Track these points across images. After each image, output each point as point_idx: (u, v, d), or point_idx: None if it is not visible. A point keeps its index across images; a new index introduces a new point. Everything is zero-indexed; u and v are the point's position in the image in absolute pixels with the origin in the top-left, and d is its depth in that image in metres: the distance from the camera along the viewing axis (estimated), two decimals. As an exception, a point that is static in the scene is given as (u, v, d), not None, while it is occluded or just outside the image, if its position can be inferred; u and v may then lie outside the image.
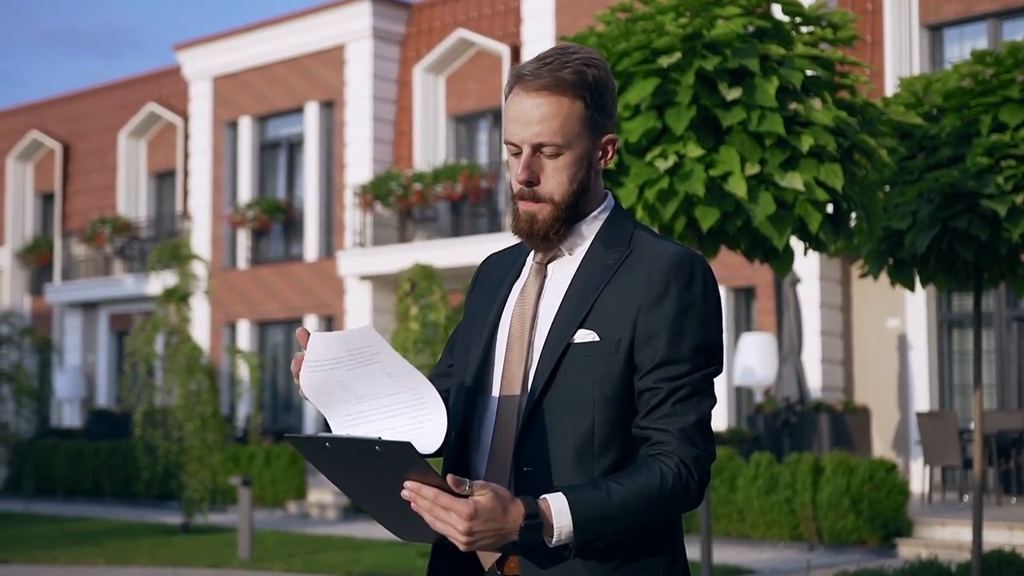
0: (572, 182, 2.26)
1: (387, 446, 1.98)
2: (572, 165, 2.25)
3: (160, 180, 25.47)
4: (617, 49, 6.25)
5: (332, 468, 2.11)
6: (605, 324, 2.22)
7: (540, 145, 2.23)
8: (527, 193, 2.27)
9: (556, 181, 2.25)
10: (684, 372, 2.20)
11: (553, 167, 2.25)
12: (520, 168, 2.25)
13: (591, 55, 2.29)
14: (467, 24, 20.74)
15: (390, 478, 2.03)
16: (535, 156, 2.25)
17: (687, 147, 6.13)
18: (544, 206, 2.26)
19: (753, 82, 6.18)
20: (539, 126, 2.22)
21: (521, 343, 2.29)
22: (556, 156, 2.24)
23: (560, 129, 2.23)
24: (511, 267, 2.43)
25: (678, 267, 2.23)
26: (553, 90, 2.22)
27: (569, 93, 2.22)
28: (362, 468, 2.04)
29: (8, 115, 28.42)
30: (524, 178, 2.25)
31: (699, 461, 2.19)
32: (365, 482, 2.09)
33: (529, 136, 2.23)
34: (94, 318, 25.71)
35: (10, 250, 27.40)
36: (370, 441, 1.99)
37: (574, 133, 2.24)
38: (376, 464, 2.02)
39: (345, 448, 2.03)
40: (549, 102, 2.22)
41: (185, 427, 14.92)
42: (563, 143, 2.23)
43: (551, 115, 2.22)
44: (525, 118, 2.24)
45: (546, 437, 2.21)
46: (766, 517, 12.96)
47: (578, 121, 2.24)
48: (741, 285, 17.01)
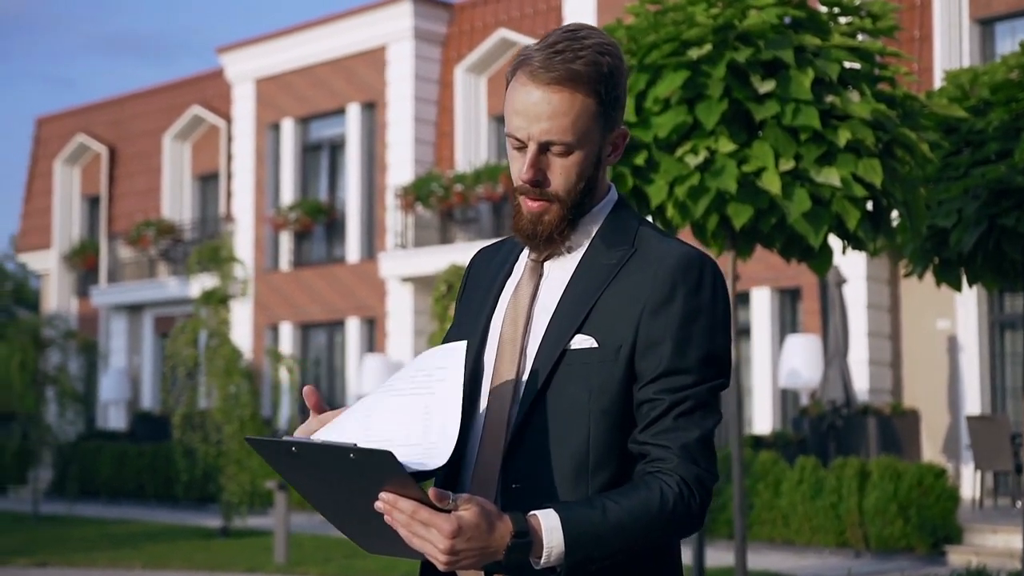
0: (580, 181, 2.08)
1: (363, 454, 1.79)
2: (581, 163, 2.07)
3: (204, 182, 25.53)
4: (646, 41, 6.05)
5: (297, 475, 1.93)
6: (605, 329, 2.03)
7: (549, 143, 2.04)
8: (532, 192, 2.08)
9: (564, 179, 2.06)
10: (689, 384, 2.00)
11: (561, 165, 2.06)
12: (526, 166, 2.06)
13: (603, 40, 2.09)
14: (508, 24, 20.57)
15: (364, 488, 1.85)
16: (542, 154, 2.06)
17: (719, 142, 5.93)
18: (550, 205, 2.08)
19: (787, 74, 5.97)
20: (548, 123, 2.03)
21: (513, 348, 2.10)
22: (565, 155, 2.05)
23: (572, 127, 2.03)
24: (503, 263, 2.24)
25: (685, 269, 2.04)
26: (566, 84, 2.02)
27: (583, 88, 2.03)
28: (332, 476, 1.86)
29: (56, 119, 28.62)
30: (530, 177, 2.05)
31: (701, 481, 1.99)
32: (334, 491, 1.91)
33: (537, 133, 2.04)
34: (139, 320, 25.80)
35: (57, 253, 27.57)
36: (344, 448, 1.80)
37: (585, 130, 2.05)
38: (349, 473, 1.83)
39: (314, 454, 1.84)
40: (561, 98, 2.02)
41: (223, 430, 14.86)
42: (573, 141, 2.04)
43: (562, 111, 2.02)
44: (534, 112, 2.03)
45: (537, 451, 2.03)
46: (811, 523, 12.68)
47: (590, 117, 2.05)
48: (786, 286, 16.72)
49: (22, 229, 29.11)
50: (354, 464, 1.81)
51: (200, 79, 25.45)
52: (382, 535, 1.89)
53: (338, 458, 1.81)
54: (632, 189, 6.19)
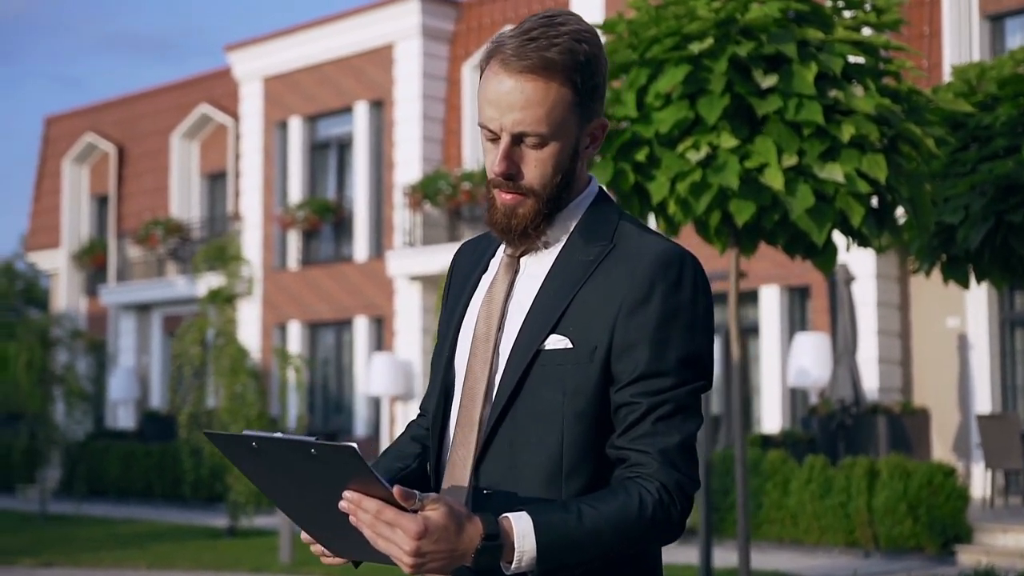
0: (556, 174, 1.99)
1: (325, 450, 1.72)
2: (557, 155, 1.98)
3: (212, 181, 25.50)
4: (647, 35, 5.97)
5: (257, 470, 1.86)
6: (580, 329, 1.95)
7: (522, 135, 1.96)
8: (505, 185, 2.00)
9: (539, 173, 1.98)
10: (667, 386, 1.92)
11: (536, 158, 1.98)
12: (498, 159, 1.98)
13: (581, 27, 2.00)
14: (516, 20, 20.45)
15: (327, 487, 1.78)
16: (515, 146, 1.98)
17: (721, 138, 5.85)
18: (525, 199, 2.00)
19: (790, 68, 5.88)
20: (521, 113, 1.95)
21: (486, 347, 2.02)
22: (540, 147, 1.97)
23: (545, 117, 1.95)
24: (481, 257, 2.17)
25: (664, 266, 1.95)
26: (539, 73, 1.94)
27: (557, 77, 1.94)
28: (294, 473, 1.80)
29: (64, 118, 28.64)
30: (502, 170, 1.98)
31: (682, 487, 1.91)
32: (298, 490, 1.84)
33: (509, 123, 1.96)
34: (148, 320, 25.79)
35: (66, 252, 27.58)
36: (305, 443, 1.73)
37: (560, 121, 1.96)
38: (312, 470, 1.76)
39: (275, 450, 1.77)
40: (535, 87, 1.94)
41: (230, 429, 14.80)
42: (548, 133, 1.96)
43: (535, 101, 1.94)
44: (506, 102, 1.95)
45: (510, 455, 1.96)
46: (820, 522, 12.59)
47: (566, 108, 1.96)
48: (795, 284, 16.62)
49: (31, 228, 29.13)
50: (316, 460, 1.74)
51: (208, 78, 25.42)
52: (347, 536, 1.83)
53: (300, 454, 1.74)
54: (634, 186, 6.12)
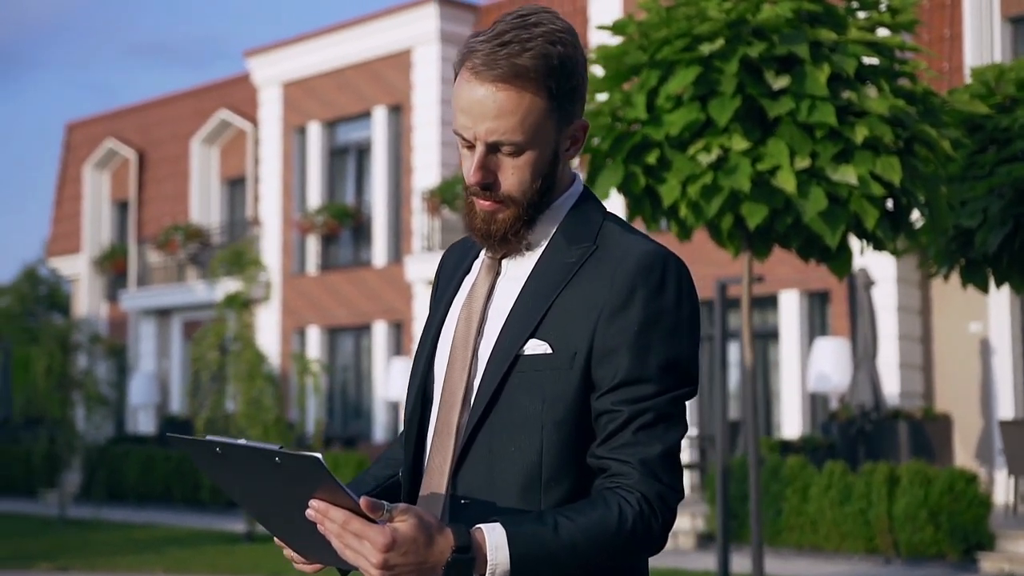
0: (534, 180, 1.94)
1: (289, 459, 1.68)
2: (534, 164, 1.92)
3: (232, 186, 25.54)
4: (657, 37, 5.91)
5: (224, 476, 1.83)
6: (560, 334, 1.89)
7: (497, 144, 1.91)
8: (483, 194, 1.95)
9: (517, 180, 1.93)
10: (649, 394, 1.86)
11: (513, 165, 1.92)
12: (473, 169, 1.92)
13: (556, 27, 1.93)
14: (535, 25, 20.43)
15: (294, 495, 1.74)
16: (491, 155, 1.92)
17: (732, 140, 5.78)
18: (503, 206, 1.94)
19: (803, 70, 5.81)
20: (495, 122, 1.88)
21: (465, 352, 1.97)
22: (516, 155, 1.91)
23: (520, 126, 1.89)
24: (463, 259, 2.11)
25: (647, 268, 1.89)
26: (511, 82, 1.87)
27: (531, 85, 1.88)
28: (260, 480, 1.76)
29: (86, 124, 28.74)
30: (478, 180, 1.92)
31: (664, 499, 1.85)
32: (263, 494, 1.80)
33: (483, 133, 1.90)
34: (168, 324, 25.84)
35: (88, 258, 27.67)
36: (269, 451, 1.69)
37: (536, 129, 1.90)
38: (277, 478, 1.73)
39: (240, 456, 1.74)
40: (507, 96, 1.87)
41: (247, 434, 14.78)
42: (523, 141, 1.90)
43: (509, 110, 1.88)
44: (478, 111, 1.89)
45: (487, 464, 1.90)
46: (840, 529, 12.47)
47: (541, 115, 1.90)
48: (815, 289, 16.50)
49: (53, 234, 29.24)
50: (281, 469, 1.71)
51: (227, 83, 25.47)
52: (315, 543, 1.79)
53: (264, 462, 1.71)
54: (644, 189, 6.05)
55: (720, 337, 10.67)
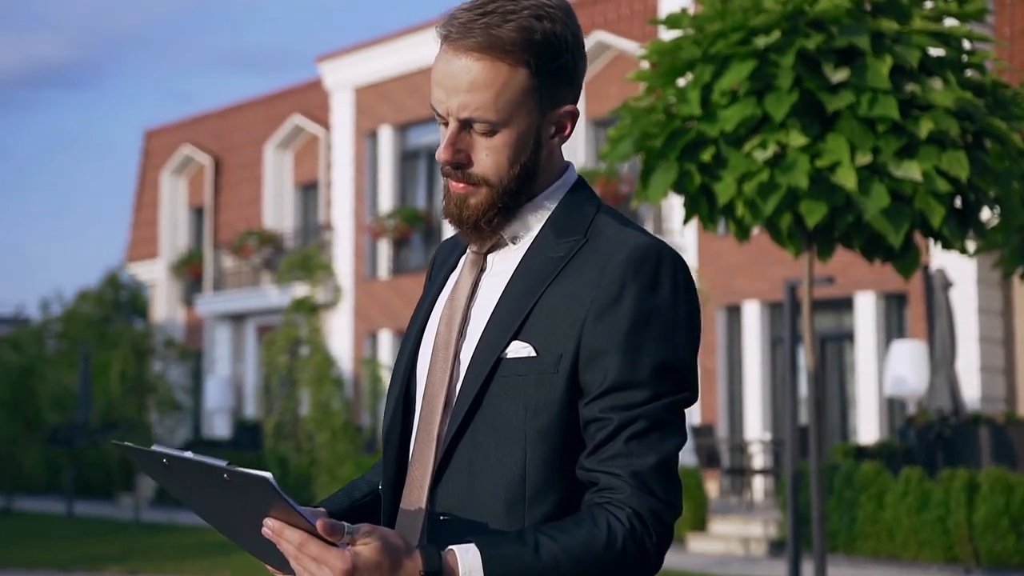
0: (512, 164, 1.78)
1: (237, 476, 1.57)
2: (511, 146, 1.77)
3: (305, 191, 25.68)
4: (711, 30, 5.73)
5: (176, 487, 1.73)
6: (545, 335, 1.73)
7: (470, 120, 1.76)
8: (455, 174, 1.80)
9: (491, 162, 1.77)
10: (641, 400, 1.69)
11: (487, 146, 1.77)
12: (443, 145, 1.78)
13: (547, 1, 1.78)
14: (605, 26, 20.26)
15: (247, 510, 1.64)
16: (464, 132, 1.77)
17: (789, 135, 5.58)
18: (477, 189, 1.79)
19: (864, 62, 5.59)
20: (467, 96, 1.74)
21: (446, 355, 1.81)
22: (490, 134, 1.76)
23: (494, 103, 1.74)
24: (453, 254, 1.96)
25: (638, 262, 1.72)
26: (487, 52, 1.72)
27: (507, 58, 1.73)
28: (214, 493, 1.67)
29: (163, 131, 29.11)
30: (447, 158, 1.78)
31: (658, 515, 1.68)
32: (220, 508, 1.70)
33: (456, 107, 1.75)
34: (242, 329, 26.04)
35: (165, 263, 28.00)
36: (218, 467, 1.58)
37: (513, 107, 1.75)
38: (228, 493, 1.63)
39: (188, 469, 1.64)
40: (482, 67, 1.73)
41: (316, 438, 14.80)
42: (498, 120, 1.75)
43: (482, 83, 1.73)
44: (451, 83, 1.75)
45: (467, 478, 1.75)
46: (917, 537, 12.14)
47: (519, 93, 1.75)
48: (892, 290, 16.11)
49: (132, 240, 29.64)
50: (231, 486, 1.60)
51: (300, 89, 25.61)
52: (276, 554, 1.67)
53: (213, 477, 1.60)
54: (700, 187, 5.86)
55: (789, 340, 10.43)
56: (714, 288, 17.63)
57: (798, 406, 11.14)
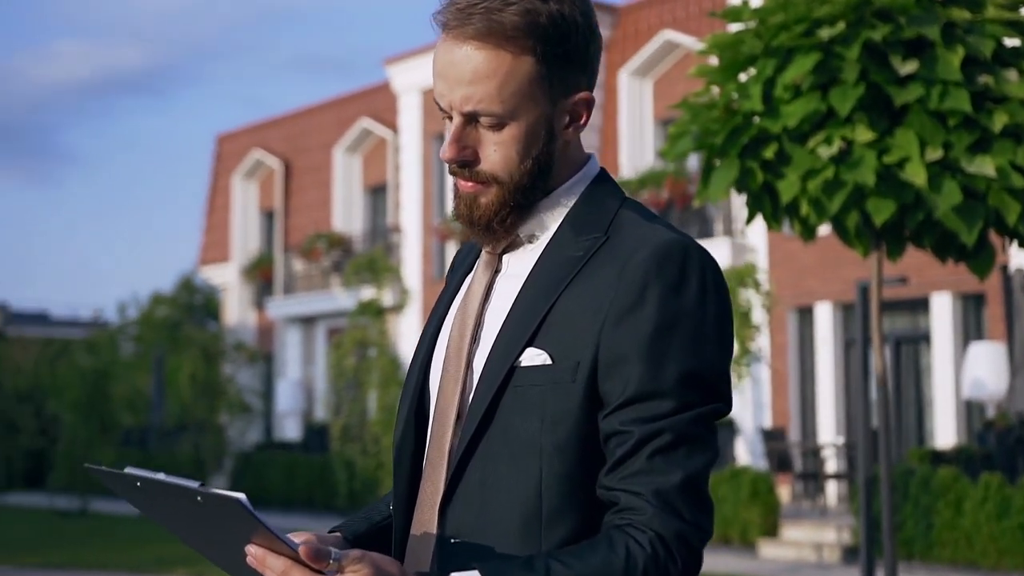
0: (523, 159, 1.64)
1: (211, 498, 1.47)
2: (521, 139, 1.63)
3: (374, 194, 25.72)
4: (774, 22, 5.54)
5: (152, 508, 1.65)
6: (561, 341, 1.59)
7: (474, 114, 1.62)
8: (462, 172, 1.67)
9: (500, 158, 1.64)
10: (666, 411, 1.54)
11: (495, 141, 1.63)
12: (448, 142, 1.65)
13: None
14: (674, 25, 20.03)
15: (225, 533, 1.55)
16: (469, 127, 1.64)
17: (855, 131, 5.38)
18: (487, 187, 1.65)
19: (933, 53, 5.37)
20: (470, 88, 1.60)
21: (458, 363, 1.68)
22: (497, 128, 1.63)
23: (499, 94, 1.60)
24: (469, 254, 1.83)
25: (662, 260, 1.58)
26: (488, 40, 1.59)
27: (511, 45, 1.59)
28: (189, 515, 1.58)
29: (235, 136, 29.35)
30: (451, 155, 1.64)
31: (684, 538, 1.52)
32: (198, 530, 1.61)
33: (459, 100, 1.62)
34: (312, 332, 26.14)
35: (237, 266, 28.20)
36: (190, 489, 1.49)
37: (521, 98, 1.61)
38: (203, 516, 1.54)
39: (160, 491, 1.56)
40: (485, 56, 1.59)
41: (382, 441, 14.78)
42: (504, 112, 1.61)
43: (485, 73, 1.60)
44: (453, 75, 1.61)
45: (479, 497, 1.61)
46: (997, 545, 11.79)
47: (526, 82, 1.61)
48: (969, 291, 15.71)
49: (204, 244, 29.92)
50: (204, 508, 1.50)
51: (368, 92, 25.67)
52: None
53: (187, 499, 1.51)
54: (762, 185, 5.68)
55: (862, 342, 10.18)
56: (785, 289, 17.33)
57: (871, 409, 10.89)
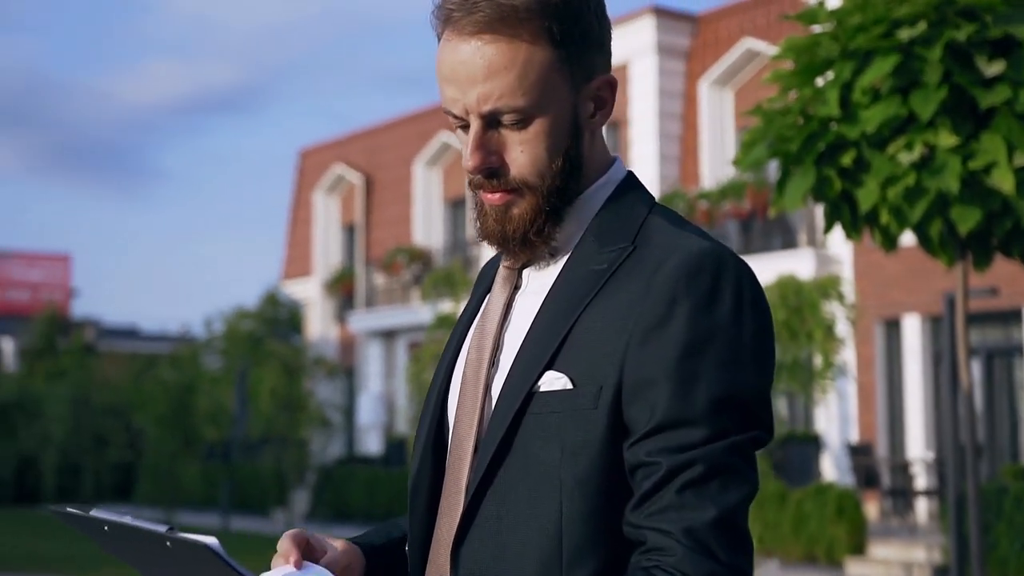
0: (553, 157, 1.49)
1: (180, 544, 1.38)
2: (549, 135, 1.48)
3: (454, 207, 25.72)
4: (851, 24, 5.33)
5: (121, 550, 1.56)
6: (583, 363, 1.44)
7: (495, 114, 1.47)
8: (488, 184, 1.51)
9: (529, 159, 1.48)
10: (697, 440, 1.39)
11: (521, 141, 1.48)
12: (470, 150, 1.49)
13: None
14: (754, 33, 19.74)
15: None
16: (491, 130, 1.48)
17: (938, 135, 5.14)
18: (517, 196, 1.50)
19: (1021, 53, 5.12)
20: (487, 85, 1.45)
21: (475, 389, 1.54)
22: (522, 125, 1.47)
23: (519, 85, 1.45)
24: (493, 267, 1.68)
25: (692, 272, 1.42)
26: (499, 28, 1.44)
27: (524, 30, 1.45)
28: (162, 560, 1.48)
29: (316, 151, 29.56)
30: (477, 164, 1.49)
31: None
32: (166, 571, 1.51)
33: (475, 101, 1.47)
34: (393, 345, 26.17)
35: (319, 281, 28.37)
36: (158, 534, 1.39)
37: (544, 87, 1.46)
38: (174, 562, 1.45)
39: (131, 535, 1.47)
40: (497, 48, 1.45)
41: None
42: (528, 105, 1.46)
43: (501, 66, 1.45)
44: (464, 74, 1.46)
45: (495, 534, 1.46)
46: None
47: (547, 68, 1.46)
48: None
49: (287, 258, 30.16)
50: (174, 553, 1.40)
51: (448, 105, 25.69)
52: None
53: (156, 544, 1.42)
54: (840, 193, 5.46)
55: (950, 355, 9.84)
56: (871, 301, 16.94)
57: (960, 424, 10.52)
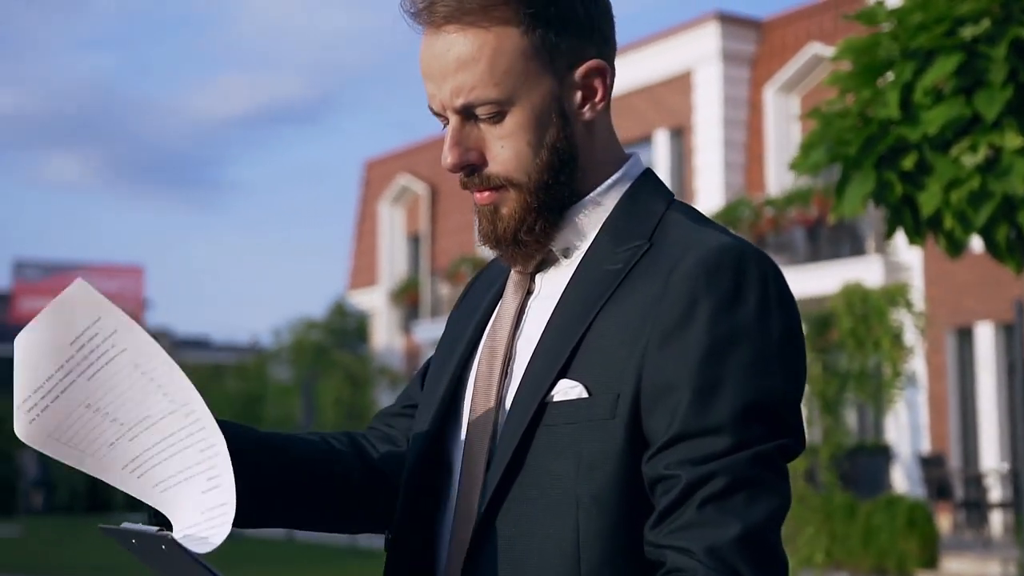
0: (537, 151, 1.40)
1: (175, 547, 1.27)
2: (529, 127, 1.39)
3: (518, 217, 25.71)
4: (912, 22, 5.16)
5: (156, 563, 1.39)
6: (598, 370, 1.34)
7: (468, 107, 1.39)
8: (471, 182, 1.44)
9: (509, 154, 1.40)
10: (720, 450, 1.28)
11: (499, 135, 1.40)
12: (447, 147, 1.43)
13: None
14: (821, 38, 19.46)
15: None
16: (468, 125, 1.41)
17: (1004, 137, 4.97)
18: (503, 193, 1.42)
19: (1090, 50, 4.92)
20: (457, 77, 1.38)
21: (487, 397, 1.44)
22: (498, 118, 1.39)
23: (490, 76, 1.38)
24: (502, 271, 1.58)
25: (712, 270, 1.32)
26: (464, 18, 1.37)
27: (492, 15, 1.37)
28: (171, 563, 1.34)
29: (382, 161, 29.69)
30: (453, 161, 1.42)
31: None
32: None
33: (448, 95, 1.40)
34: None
35: (385, 291, 28.47)
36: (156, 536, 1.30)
37: (517, 76, 1.38)
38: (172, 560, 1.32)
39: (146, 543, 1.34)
40: (465, 37, 1.37)
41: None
42: (501, 96, 1.38)
43: (470, 56, 1.37)
44: (437, 68, 1.40)
45: (508, 556, 1.36)
46: None
47: (519, 56, 1.38)
48: None
49: (353, 269, 30.31)
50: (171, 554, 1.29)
51: (509, 114, 25.72)
52: None
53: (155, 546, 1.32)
54: (902, 198, 5.29)
55: (1022, 364, 9.59)
56: (942, 309, 16.59)
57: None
